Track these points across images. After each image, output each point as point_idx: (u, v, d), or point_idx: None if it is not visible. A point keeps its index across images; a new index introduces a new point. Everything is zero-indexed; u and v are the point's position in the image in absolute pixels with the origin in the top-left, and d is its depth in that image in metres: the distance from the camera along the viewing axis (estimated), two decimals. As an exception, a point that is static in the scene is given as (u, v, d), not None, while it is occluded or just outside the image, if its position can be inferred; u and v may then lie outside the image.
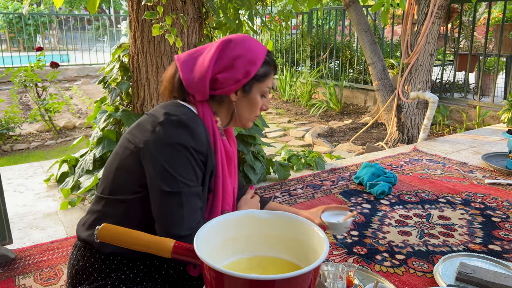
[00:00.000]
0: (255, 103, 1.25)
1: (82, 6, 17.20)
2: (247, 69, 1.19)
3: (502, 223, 2.24)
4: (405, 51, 4.25)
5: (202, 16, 2.80)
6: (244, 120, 1.27)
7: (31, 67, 4.99)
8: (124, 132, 1.25)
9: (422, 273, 1.78)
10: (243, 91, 1.22)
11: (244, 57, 1.19)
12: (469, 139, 3.95)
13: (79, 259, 1.19)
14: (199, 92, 1.20)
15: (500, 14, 6.88)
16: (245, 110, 1.26)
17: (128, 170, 1.15)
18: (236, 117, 1.26)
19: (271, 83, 1.27)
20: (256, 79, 1.22)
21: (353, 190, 2.70)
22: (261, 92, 1.25)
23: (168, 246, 0.84)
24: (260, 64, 1.21)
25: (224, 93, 1.21)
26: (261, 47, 1.24)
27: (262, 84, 1.24)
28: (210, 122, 1.20)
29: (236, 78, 1.19)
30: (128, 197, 1.15)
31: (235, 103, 1.24)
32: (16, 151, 4.66)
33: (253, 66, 1.19)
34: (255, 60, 1.20)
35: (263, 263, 0.94)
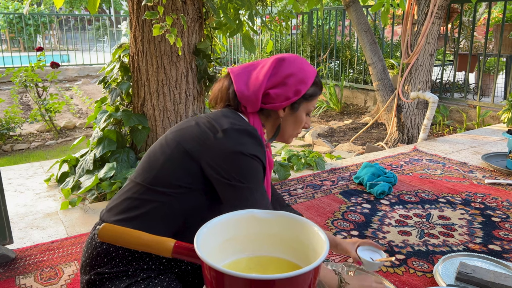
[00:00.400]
0: (300, 121, 1.33)
1: (82, 6, 17.21)
2: (298, 88, 1.27)
3: (502, 223, 2.25)
4: (405, 51, 4.25)
5: (203, 16, 2.80)
6: (287, 135, 1.35)
7: (32, 67, 5.00)
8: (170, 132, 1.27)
9: (422, 273, 1.79)
10: (291, 108, 1.30)
11: (296, 76, 1.27)
12: (469, 139, 3.95)
13: (103, 242, 1.19)
14: (251, 104, 1.27)
15: (500, 14, 6.88)
16: (290, 126, 1.33)
17: (178, 168, 1.18)
18: (281, 132, 1.34)
19: (316, 102, 1.35)
20: (305, 98, 1.30)
21: (353, 190, 2.70)
22: (307, 111, 1.34)
23: (169, 246, 0.84)
24: (310, 84, 1.29)
25: (273, 107, 1.28)
26: (312, 68, 1.32)
27: (309, 103, 1.32)
28: (260, 133, 1.27)
29: (287, 95, 1.26)
30: (172, 191, 1.18)
31: (282, 118, 1.32)
32: (17, 151, 4.66)
33: (303, 86, 1.27)
34: (306, 80, 1.28)
35: (263, 263, 0.94)
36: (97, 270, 1.19)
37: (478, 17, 6.79)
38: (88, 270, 1.21)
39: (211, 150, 1.16)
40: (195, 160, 1.17)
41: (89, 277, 1.20)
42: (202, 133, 1.19)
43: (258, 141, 1.19)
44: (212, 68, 2.95)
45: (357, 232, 2.13)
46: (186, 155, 1.18)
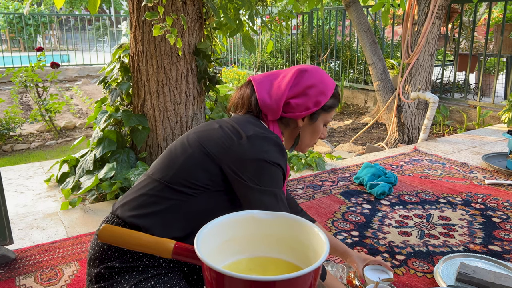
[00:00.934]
0: (317, 131, 1.37)
1: (82, 6, 17.21)
2: (318, 99, 1.30)
3: (502, 223, 2.24)
4: (405, 51, 4.25)
5: (203, 17, 2.80)
6: (304, 145, 1.39)
7: (32, 67, 5.00)
8: (192, 132, 1.29)
9: (422, 273, 1.78)
10: (310, 119, 1.34)
11: (316, 87, 1.30)
12: (470, 139, 3.95)
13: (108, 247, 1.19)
14: (272, 112, 1.30)
15: (500, 14, 6.88)
16: (308, 136, 1.37)
17: (198, 168, 1.19)
18: (299, 142, 1.38)
19: (333, 116, 1.42)
20: (324, 109, 1.34)
21: (353, 190, 2.70)
22: (325, 122, 1.37)
23: (169, 247, 0.84)
24: (329, 96, 1.33)
25: (293, 117, 1.32)
26: (332, 81, 1.35)
27: (327, 114, 1.36)
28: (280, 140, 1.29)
29: (307, 105, 1.30)
30: (190, 190, 1.19)
31: (300, 128, 1.36)
32: (17, 151, 4.66)
33: (323, 97, 1.31)
34: (326, 92, 1.32)
35: (263, 263, 0.94)
36: (107, 264, 1.18)
37: (478, 17, 6.79)
38: (98, 264, 1.20)
39: (235, 155, 1.18)
40: (216, 163, 1.18)
41: (99, 270, 1.19)
42: (226, 137, 1.21)
43: (281, 149, 1.23)
44: (212, 68, 2.95)
45: (357, 233, 2.13)
46: (208, 156, 1.19)
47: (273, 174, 1.19)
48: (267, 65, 8.34)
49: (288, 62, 7.89)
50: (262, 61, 8.47)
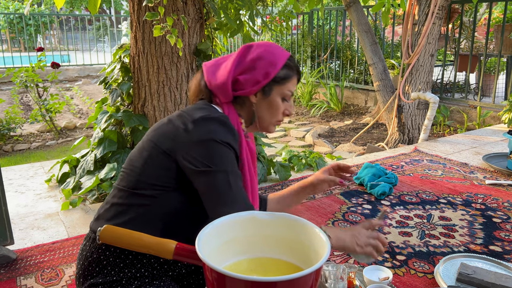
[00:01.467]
0: (275, 106, 1.27)
1: (82, 6, 17.21)
2: (266, 71, 1.23)
3: (503, 224, 2.24)
4: (405, 51, 4.25)
5: (203, 17, 2.80)
6: (265, 123, 1.30)
7: (32, 68, 5.00)
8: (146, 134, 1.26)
9: (422, 273, 1.79)
10: (262, 93, 1.25)
11: (264, 59, 1.23)
12: (470, 139, 3.95)
13: (93, 251, 1.19)
14: (222, 93, 1.24)
15: (500, 14, 6.88)
16: (265, 112, 1.28)
17: (157, 168, 1.17)
18: (256, 120, 1.29)
19: (293, 87, 1.28)
20: (276, 81, 1.25)
21: (353, 190, 2.70)
22: (282, 95, 1.27)
23: (170, 248, 0.84)
24: (280, 67, 1.24)
25: (245, 94, 1.25)
26: (283, 52, 1.27)
27: (282, 87, 1.26)
28: (235, 122, 1.24)
29: (256, 79, 1.23)
30: (154, 192, 1.17)
31: (255, 105, 1.27)
32: (17, 152, 4.67)
33: (273, 68, 1.23)
34: (276, 62, 1.23)
35: (264, 264, 0.94)
36: (91, 281, 1.18)
37: (478, 17, 6.79)
38: (82, 282, 1.20)
39: (183, 143, 1.15)
40: (172, 157, 1.15)
41: None
42: (174, 128, 1.18)
43: (229, 129, 1.17)
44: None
45: (357, 233, 2.13)
46: (163, 154, 1.17)
47: (223, 154, 1.14)
48: (268, 65, 8.33)
49: (288, 62, 7.88)
50: (263, 61, 8.46)
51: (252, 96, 1.26)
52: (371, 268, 1.68)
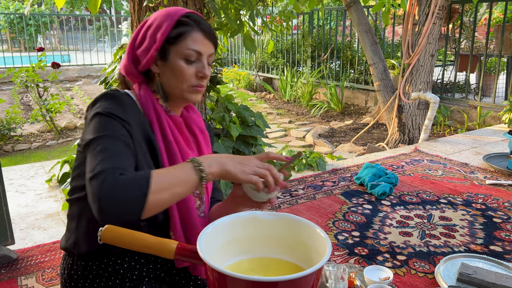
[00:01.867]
0: (179, 70, 1.13)
1: (83, 6, 17.22)
2: (155, 36, 1.14)
3: (503, 224, 2.25)
4: (406, 51, 4.25)
5: (204, 17, 2.80)
6: (176, 91, 1.16)
7: (33, 68, 5.00)
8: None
9: (423, 273, 1.79)
10: (161, 60, 1.15)
11: (153, 25, 1.15)
12: (470, 139, 3.95)
13: (65, 268, 1.18)
14: (130, 75, 1.18)
15: (501, 14, 6.88)
16: (170, 79, 1.16)
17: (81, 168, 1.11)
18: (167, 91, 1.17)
19: (195, 44, 1.13)
20: (169, 42, 1.13)
21: (354, 190, 2.70)
22: (183, 56, 1.13)
23: (171, 248, 0.84)
24: (169, 26, 1.13)
25: (144, 67, 1.16)
26: (179, 11, 1.15)
27: (179, 46, 1.13)
28: (149, 100, 1.15)
29: (148, 47, 1.14)
30: (81, 194, 1.13)
31: (158, 74, 1.17)
32: (18, 152, 4.67)
33: (160, 30, 1.13)
34: (162, 24, 1.13)
35: (265, 264, 0.94)
36: None
37: (479, 17, 6.79)
38: None
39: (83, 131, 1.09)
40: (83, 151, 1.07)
41: None
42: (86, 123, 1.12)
43: (115, 99, 1.08)
44: (214, 68, 2.95)
45: (358, 233, 2.13)
46: (80, 151, 1.12)
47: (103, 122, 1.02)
48: (268, 65, 8.34)
49: (288, 62, 7.89)
50: (263, 61, 8.47)
51: (153, 66, 1.16)
52: (371, 268, 1.68)
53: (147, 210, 0.89)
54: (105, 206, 0.86)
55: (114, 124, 1.03)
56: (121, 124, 1.04)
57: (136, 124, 1.09)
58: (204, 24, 1.16)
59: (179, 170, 0.96)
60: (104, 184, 0.88)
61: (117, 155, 0.97)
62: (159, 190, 0.91)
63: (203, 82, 1.16)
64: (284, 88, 7.51)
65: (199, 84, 1.15)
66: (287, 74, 7.49)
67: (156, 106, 1.15)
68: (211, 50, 1.18)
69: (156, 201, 0.90)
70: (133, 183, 0.89)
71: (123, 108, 1.06)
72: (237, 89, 8.67)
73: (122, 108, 1.06)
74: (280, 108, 6.88)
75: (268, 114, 6.44)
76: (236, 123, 2.72)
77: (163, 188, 0.92)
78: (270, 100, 7.57)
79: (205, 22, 1.17)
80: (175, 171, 0.96)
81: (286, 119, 6.14)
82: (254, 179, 0.98)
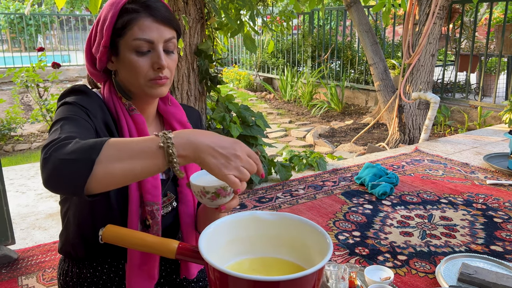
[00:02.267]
0: (131, 64, 1.01)
1: (83, 7, 17.21)
2: (102, 31, 1.02)
3: (504, 223, 2.24)
4: (406, 51, 4.25)
5: (204, 17, 2.80)
6: (135, 87, 1.05)
7: (33, 68, 5.00)
8: None
9: (424, 273, 1.78)
10: (115, 55, 1.05)
11: (101, 19, 1.03)
12: (471, 139, 3.95)
13: (61, 273, 1.18)
14: (93, 75, 1.11)
15: (501, 14, 6.87)
16: (126, 76, 1.05)
17: None
18: (127, 88, 1.08)
19: (142, 32, 1.00)
20: (117, 35, 1.01)
21: (354, 190, 2.70)
22: (132, 48, 1.01)
23: (172, 248, 0.84)
24: (114, 17, 1.00)
25: (101, 65, 1.07)
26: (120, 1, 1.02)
27: (126, 38, 1.01)
28: (111, 100, 1.08)
29: (98, 43, 1.04)
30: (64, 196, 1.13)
31: (117, 72, 1.07)
32: (18, 152, 4.67)
33: (105, 24, 1.01)
34: (107, 15, 1.01)
35: (266, 264, 0.94)
36: None
37: (479, 17, 6.79)
38: None
39: None
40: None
41: None
42: None
43: (76, 91, 1.04)
44: (214, 68, 2.95)
45: (358, 233, 2.13)
46: None
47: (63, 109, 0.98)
48: (268, 65, 8.34)
49: (289, 62, 7.89)
50: (263, 61, 8.47)
51: (109, 63, 1.07)
52: (372, 268, 1.68)
53: (94, 182, 0.77)
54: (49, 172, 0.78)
55: (77, 110, 0.97)
56: (86, 113, 0.98)
57: (101, 122, 1.03)
58: (154, 6, 1.01)
59: (143, 144, 0.80)
60: (53, 149, 0.80)
61: (74, 128, 0.91)
62: (112, 159, 0.78)
63: (162, 74, 1.03)
64: (284, 88, 7.51)
65: (157, 76, 1.03)
66: (287, 74, 7.49)
67: (117, 106, 1.07)
68: (167, 34, 1.02)
69: (105, 172, 0.77)
70: (83, 147, 0.78)
71: (86, 97, 1.02)
72: (237, 89, 8.67)
73: (85, 98, 1.02)
74: (280, 108, 6.88)
75: (269, 114, 6.44)
76: (236, 123, 2.72)
77: (116, 158, 0.78)
78: (271, 100, 7.57)
79: (157, 4, 1.02)
80: (139, 144, 0.81)
81: (286, 119, 6.14)
82: (232, 180, 0.80)
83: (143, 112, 1.11)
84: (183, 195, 1.14)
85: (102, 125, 1.03)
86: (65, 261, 1.17)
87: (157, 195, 1.05)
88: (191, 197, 1.15)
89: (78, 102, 0.99)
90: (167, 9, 1.04)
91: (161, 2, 1.04)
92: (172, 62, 1.05)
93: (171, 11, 1.05)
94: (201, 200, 0.92)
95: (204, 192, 0.89)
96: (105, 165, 0.77)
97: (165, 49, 1.03)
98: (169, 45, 1.03)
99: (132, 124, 1.06)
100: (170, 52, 1.05)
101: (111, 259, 1.13)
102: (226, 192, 0.88)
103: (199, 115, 1.30)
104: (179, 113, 1.17)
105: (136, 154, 0.79)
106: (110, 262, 1.13)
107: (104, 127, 1.03)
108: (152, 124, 1.16)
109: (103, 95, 1.09)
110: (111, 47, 1.03)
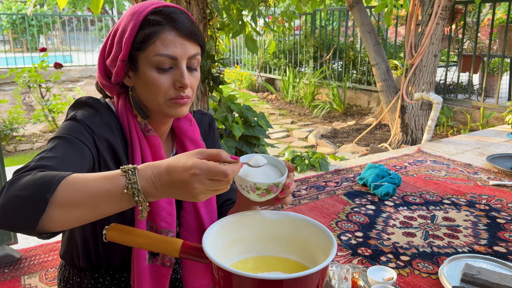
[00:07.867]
0: (151, 81, 0.93)
1: (85, 7, 17.25)
2: (121, 41, 0.94)
3: (507, 224, 2.24)
4: (409, 52, 4.25)
5: (207, 17, 2.80)
6: (154, 106, 0.97)
7: (35, 68, 5.01)
8: None
9: (427, 274, 1.78)
10: (132, 70, 0.96)
11: (119, 32, 0.94)
12: (473, 140, 3.94)
13: (61, 279, 1.17)
14: (106, 87, 1.02)
15: (504, 15, 6.86)
16: (144, 93, 0.96)
17: None
18: (145, 106, 1.00)
19: (166, 48, 0.92)
20: (137, 49, 0.93)
21: (357, 191, 2.70)
22: (153, 64, 0.92)
23: (176, 246, 0.84)
24: (134, 29, 0.92)
25: (117, 80, 0.98)
26: (144, 7, 0.93)
27: (147, 52, 0.92)
28: (125, 118, 1.00)
29: (114, 56, 0.95)
30: None
31: (132, 88, 1.00)
32: (20, 152, 4.67)
33: (124, 36, 0.93)
34: (127, 26, 0.93)
35: (270, 263, 0.94)
36: None
37: (482, 18, 6.78)
38: None
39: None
40: None
41: None
42: None
43: (83, 106, 0.98)
44: (216, 68, 2.95)
45: (361, 234, 2.13)
46: None
47: (63, 126, 0.93)
48: (270, 65, 8.34)
49: (291, 62, 7.89)
50: (265, 62, 8.48)
51: (126, 78, 0.98)
52: (375, 269, 1.68)
53: (48, 223, 0.70)
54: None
55: (80, 130, 0.91)
56: (90, 134, 0.93)
57: (106, 145, 0.96)
58: (179, 19, 0.92)
59: (105, 185, 0.72)
60: (12, 179, 0.73)
61: (61, 152, 0.84)
62: (68, 200, 0.71)
63: (184, 93, 0.95)
64: (286, 89, 7.50)
65: (178, 96, 0.94)
66: (289, 74, 7.49)
67: (131, 125, 0.99)
68: (192, 50, 0.94)
69: (59, 214, 0.70)
70: (39, 183, 0.71)
71: (98, 125, 0.95)
72: (239, 89, 8.67)
73: (87, 114, 0.95)
74: (282, 109, 6.88)
75: (270, 114, 6.44)
76: (238, 123, 2.72)
77: (73, 200, 0.71)
78: (272, 101, 7.57)
79: (181, 16, 0.94)
80: (99, 184, 0.72)
81: (288, 119, 6.14)
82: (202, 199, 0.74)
83: (158, 131, 1.04)
84: (185, 219, 1.08)
85: (107, 148, 0.96)
86: (66, 267, 1.16)
87: (172, 222, 1.00)
88: (193, 223, 1.08)
89: (85, 122, 0.93)
90: (192, 22, 0.95)
91: (185, 13, 0.95)
92: (195, 80, 0.97)
93: (196, 24, 0.96)
94: (247, 195, 0.86)
95: (255, 188, 0.84)
96: (59, 207, 0.70)
97: (188, 66, 0.95)
98: (193, 61, 0.96)
99: (147, 146, 1.00)
100: (193, 70, 0.96)
101: (113, 271, 1.11)
102: (278, 188, 0.85)
103: (211, 121, 1.22)
104: (192, 130, 1.09)
105: (96, 196, 0.72)
106: (112, 274, 1.11)
107: (109, 149, 0.97)
108: (164, 142, 1.09)
109: (116, 109, 1.01)
110: (129, 61, 0.95)
